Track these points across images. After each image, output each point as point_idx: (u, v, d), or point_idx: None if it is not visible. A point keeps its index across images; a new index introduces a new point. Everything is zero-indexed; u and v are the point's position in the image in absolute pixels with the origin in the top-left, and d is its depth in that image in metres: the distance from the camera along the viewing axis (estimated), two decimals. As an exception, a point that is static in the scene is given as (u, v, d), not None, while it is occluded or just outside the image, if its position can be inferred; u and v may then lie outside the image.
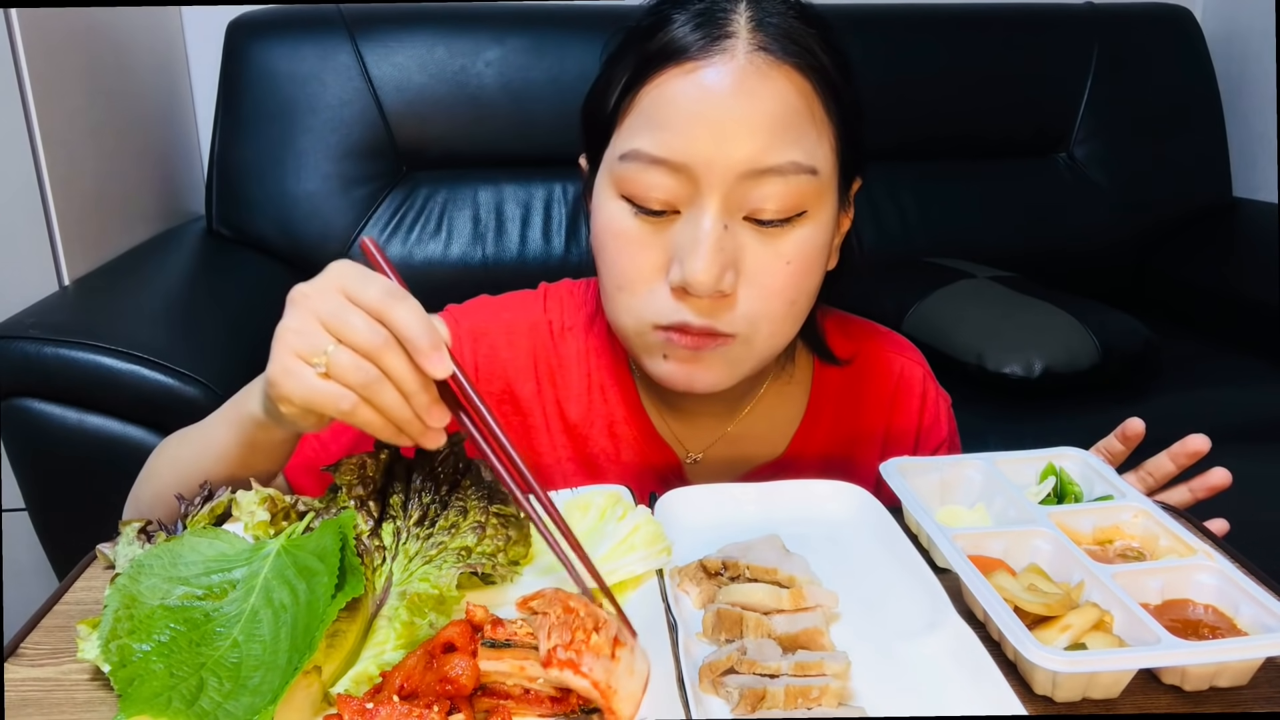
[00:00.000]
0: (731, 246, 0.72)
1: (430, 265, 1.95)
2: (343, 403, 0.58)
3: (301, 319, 0.58)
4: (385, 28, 1.95)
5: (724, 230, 0.71)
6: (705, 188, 0.71)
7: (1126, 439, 0.83)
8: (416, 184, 1.99)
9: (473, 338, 0.88)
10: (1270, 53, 2.25)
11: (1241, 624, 0.59)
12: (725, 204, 0.71)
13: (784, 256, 0.73)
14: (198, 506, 0.68)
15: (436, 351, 0.56)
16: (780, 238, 0.73)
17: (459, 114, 1.97)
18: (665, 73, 0.71)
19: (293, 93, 1.92)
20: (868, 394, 0.93)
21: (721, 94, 0.70)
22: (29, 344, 1.33)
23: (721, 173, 0.70)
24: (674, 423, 0.89)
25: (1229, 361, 1.91)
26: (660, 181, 0.71)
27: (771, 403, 0.90)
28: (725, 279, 0.71)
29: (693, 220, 0.71)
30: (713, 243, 0.70)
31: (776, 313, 0.75)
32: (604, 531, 0.67)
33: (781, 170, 0.71)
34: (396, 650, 0.57)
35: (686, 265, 0.70)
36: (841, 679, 0.55)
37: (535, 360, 0.88)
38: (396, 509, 0.66)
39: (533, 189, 2.01)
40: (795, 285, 0.74)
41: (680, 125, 0.70)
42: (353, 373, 0.57)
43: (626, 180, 0.73)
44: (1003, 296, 1.84)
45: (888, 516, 0.72)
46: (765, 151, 0.70)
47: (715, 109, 0.70)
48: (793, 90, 0.71)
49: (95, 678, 0.58)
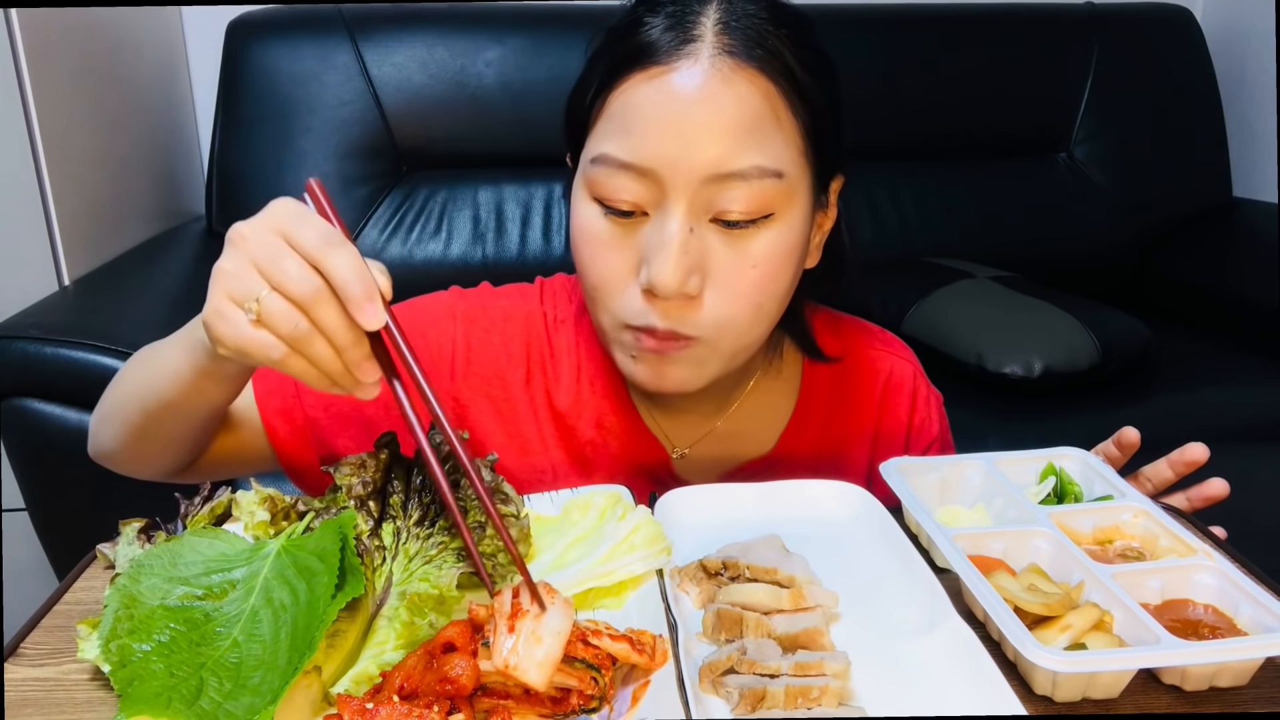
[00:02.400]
0: (698, 249, 0.72)
1: (430, 265, 1.95)
2: (273, 352, 0.57)
3: (236, 260, 0.57)
4: (385, 28, 1.95)
5: (689, 234, 0.72)
6: (671, 192, 0.72)
7: (1122, 447, 0.84)
8: (416, 184, 1.99)
9: (467, 320, 0.89)
10: (1270, 53, 2.25)
11: (1241, 624, 0.59)
12: (691, 207, 0.72)
13: (750, 260, 0.74)
14: (198, 506, 0.68)
15: (370, 303, 0.55)
16: (747, 241, 0.73)
17: (459, 114, 1.97)
18: (633, 77, 0.72)
19: (293, 93, 1.91)
20: (858, 392, 0.93)
21: (685, 100, 0.71)
22: (29, 344, 1.33)
23: (686, 177, 0.71)
24: (661, 418, 0.90)
25: (1229, 361, 1.91)
26: (628, 185, 0.72)
27: (760, 400, 0.91)
28: (690, 282, 0.72)
29: (660, 224, 0.72)
30: (678, 246, 0.71)
31: (742, 316, 0.75)
32: (604, 531, 0.67)
33: (745, 175, 0.71)
34: (396, 650, 0.57)
35: (653, 268, 0.72)
36: (841, 679, 0.55)
37: (528, 349, 0.89)
38: (396, 509, 0.66)
39: (533, 189, 2.01)
40: (762, 289, 0.75)
41: (645, 130, 0.71)
42: (283, 322, 0.56)
43: (597, 183, 0.74)
44: (1003, 296, 1.84)
45: (888, 516, 0.72)
46: (728, 157, 0.71)
47: (679, 115, 0.71)
48: (756, 94, 0.72)
49: (95, 678, 0.58)
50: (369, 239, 1.93)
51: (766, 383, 0.91)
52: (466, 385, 0.87)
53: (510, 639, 0.53)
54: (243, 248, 0.57)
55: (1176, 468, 0.81)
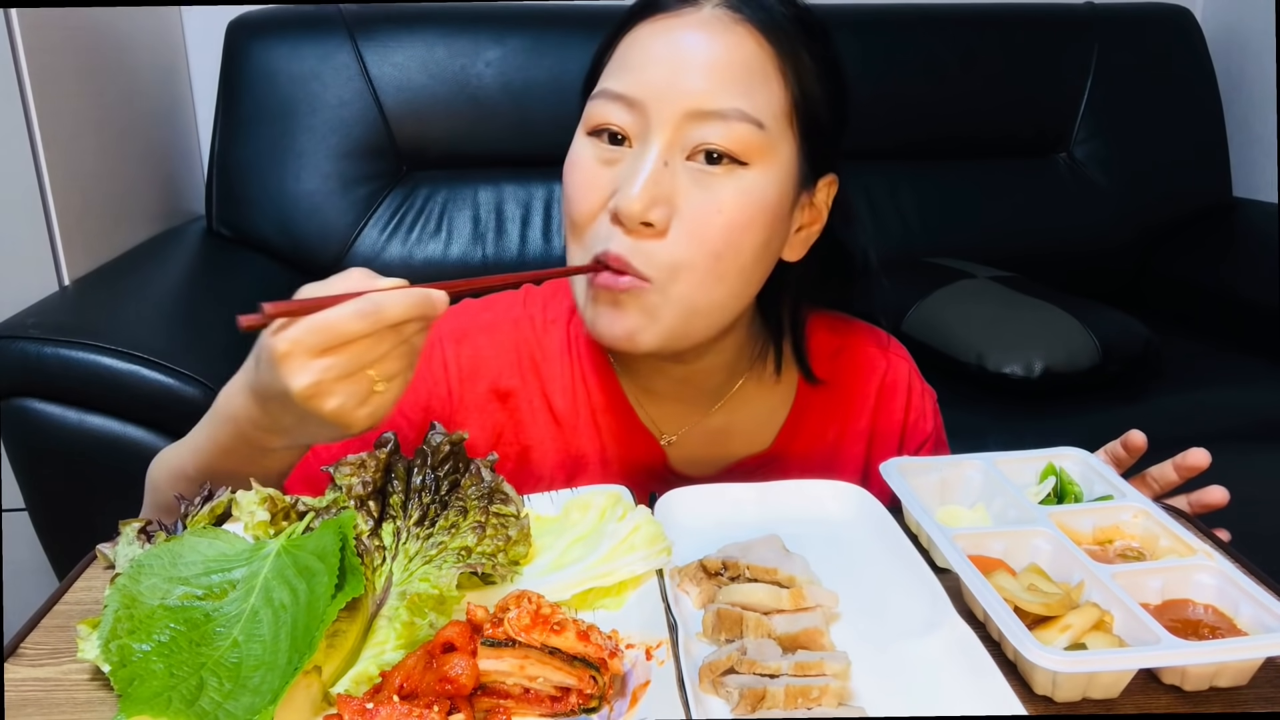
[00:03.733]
0: (669, 183, 0.75)
1: (430, 265, 1.95)
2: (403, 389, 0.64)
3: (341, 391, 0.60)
4: (385, 28, 1.95)
5: (664, 166, 0.74)
6: (655, 123, 0.74)
7: (1129, 450, 0.84)
8: (416, 184, 1.99)
9: (455, 340, 0.89)
10: (1270, 53, 2.25)
11: (1241, 624, 0.59)
12: (670, 141, 0.75)
13: (717, 204, 0.75)
14: (198, 506, 0.68)
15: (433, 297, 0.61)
16: (717, 183, 0.75)
17: (459, 114, 1.97)
18: (640, 26, 0.78)
19: (293, 93, 1.92)
20: (854, 391, 0.94)
21: (681, 41, 0.75)
22: (29, 344, 1.33)
23: (671, 110, 0.74)
24: (650, 405, 0.90)
25: (1229, 361, 1.90)
26: (617, 115, 0.76)
27: (754, 398, 0.91)
28: (655, 212, 0.74)
29: (638, 153, 0.75)
30: (650, 174, 0.74)
31: (700, 263, 0.75)
32: (604, 531, 0.67)
33: (724, 115, 0.74)
34: (396, 650, 0.57)
35: (621, 191, 0.74)
36: (841, 679, 0.55)
37: (519, 354, 0.90)
38: (396, 509, 0.66)
39: (533, 189, 2.01)
40: (724, 237, 0.75)
41: (641, 66, 0.76)
42: (398, 363, 0.62)
43: (592, 116, 0.78)
44: (1003, 296, 1.84)
45: (888, 516, 0.72)
46: (712, 95, 0.74)
47: (672, 53, 0.75)
48: (750, 44, 0.76)
49: (95, 678, 0.58)
50: (369, 239, 1.94)
51: (757, 381, 0.91)
52: (465, 404, 0.88)
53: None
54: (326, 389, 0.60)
55: (1180, 471, 0.81)
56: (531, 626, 0.56)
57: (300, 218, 1.92)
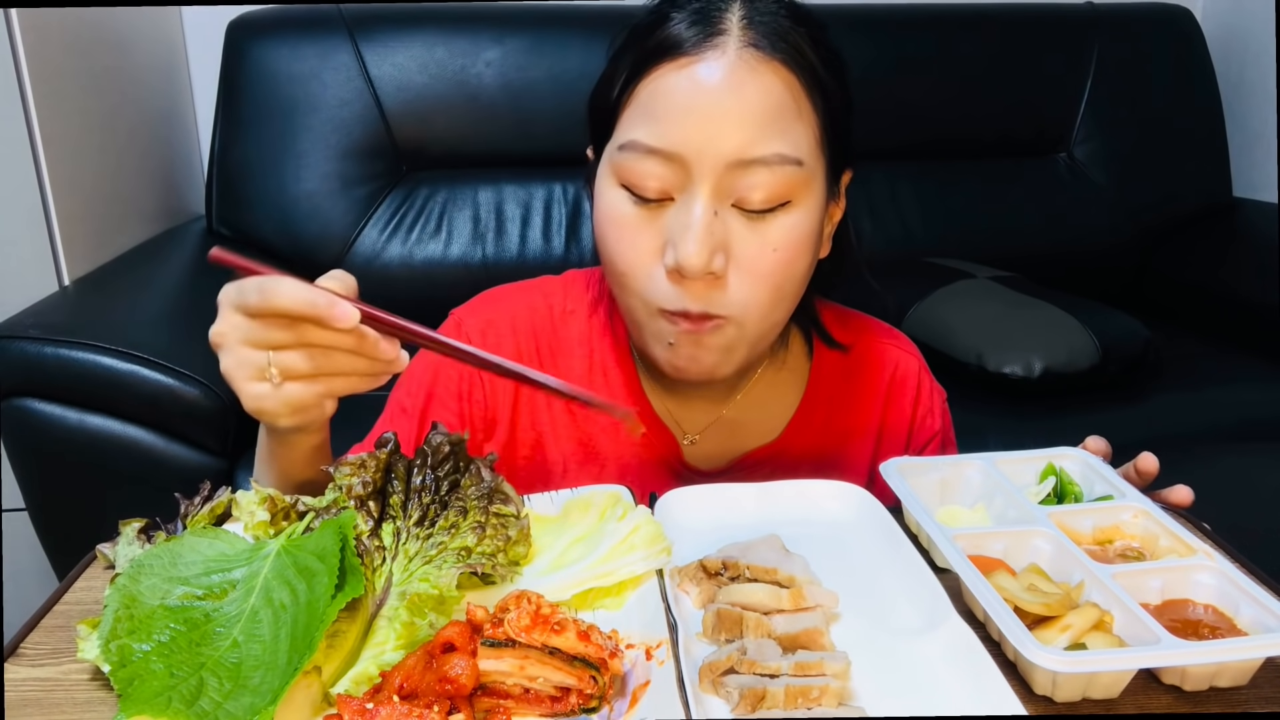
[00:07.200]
0: (721, 231, 0.75)
1: (430, 265, 1.95)
2: (310, 393, 0.64)
3: (229, 356, 0.64)
4: (385, 28, 1.95)
5: (714, 216, 0.75)
6: (697, 176, 0.74)
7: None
8: (416, 184, 1.99)
9: (480, 332, 0.91)
10: (1270, 53, 2.25)
11: (1241, 624, 0.59)
12: (715, 191, 0.74)
13: (771, 244, 0.76)
14: (198, 506, 0.68)
15: (334, 308, 0.60)
16: (767, 225, 0.76)
17: (459, 114, 1.97)
18: (661, 67, 0.75)
19: (293, 93, 1.91)
20: (863, 385, 0.94)
21: (712, 88, 0.74)
22: (29, 344, 1.33)
23: (712, 162, 0.73)
24: (672, 404, 0.91)
25: (1229, 361, 1.91)
26: (655, 170, 0.75)
27: (766, 389, 0.92)
28: (715, 261, 0.74)
29: (685, 206, 0.75)
30: (703, 227, 0.74)
31: (765, 298, 0.78)
32: (604, 531, 0.67)
33: (767, 161, 0.74)
34: (396, 650, 0.57)
35: (680, 249, 0.74)
36: (841, 679, 0.55)
37: (537, 343, 0.91)
38: (396, 509, 0.66)
39: (533, 189, 2.01)
40: (782, 271, 0.77)
41: (674, 117, 0.74)
42: (300, 365, 0.63)
43: (625, 169, 0.77)
44: (1003, 296, 1.84)
45: (888, 516, 0.72)
46: (752, 143, 0.73)
47: (706, 102, 0.74)
48: (780, 85, 0.75)
49: (95, 678, 0.58)
50: (369, 239, 1.93)
51: (772, 372, 0.93)
52: (497, 392, 0.90)
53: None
54: (225, 343, 0.64)
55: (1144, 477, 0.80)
56: (531, 627, 0.56)
57: (300, 218, 1.92)
